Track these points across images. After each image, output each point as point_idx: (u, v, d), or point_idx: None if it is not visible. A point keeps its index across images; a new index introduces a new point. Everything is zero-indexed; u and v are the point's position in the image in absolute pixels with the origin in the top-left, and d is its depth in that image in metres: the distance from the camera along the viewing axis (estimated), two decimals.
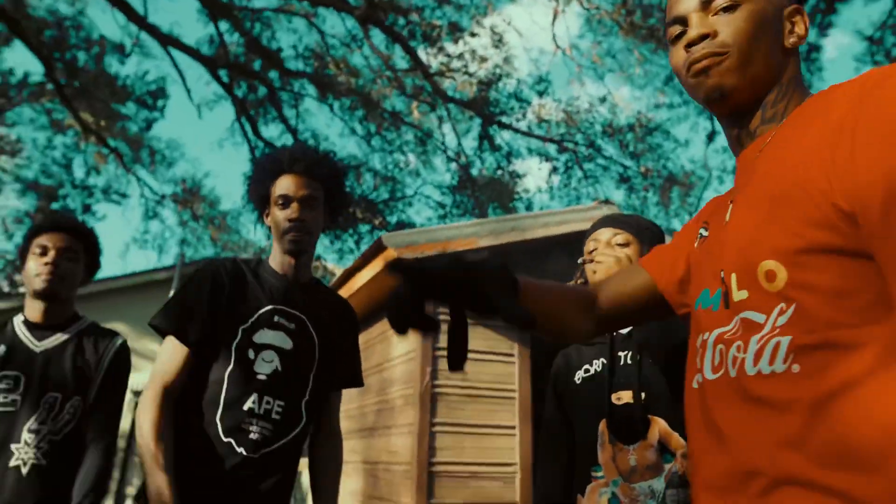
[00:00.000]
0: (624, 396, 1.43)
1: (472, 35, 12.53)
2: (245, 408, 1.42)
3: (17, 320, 1.83)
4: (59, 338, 1.82)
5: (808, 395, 0.61)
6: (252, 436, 1.41)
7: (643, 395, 1.39)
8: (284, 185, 1.54)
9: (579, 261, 1.60)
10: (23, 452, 1.68)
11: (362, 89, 12.39)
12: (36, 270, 1.79)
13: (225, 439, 1.39)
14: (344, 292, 4.82)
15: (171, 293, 1.53)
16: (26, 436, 1.69)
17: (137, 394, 6.85)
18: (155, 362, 1.47)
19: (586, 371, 1.53)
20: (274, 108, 12.16)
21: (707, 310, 0.77)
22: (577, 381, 1.55)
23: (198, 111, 14.48)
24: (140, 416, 1.38)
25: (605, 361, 1.50)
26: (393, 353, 4.58)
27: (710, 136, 13.13)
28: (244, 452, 1.39)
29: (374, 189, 13.13)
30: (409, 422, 4.03)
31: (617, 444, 1.41)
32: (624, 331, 1.50)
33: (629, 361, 1.46)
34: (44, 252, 1.81)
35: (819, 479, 0.59)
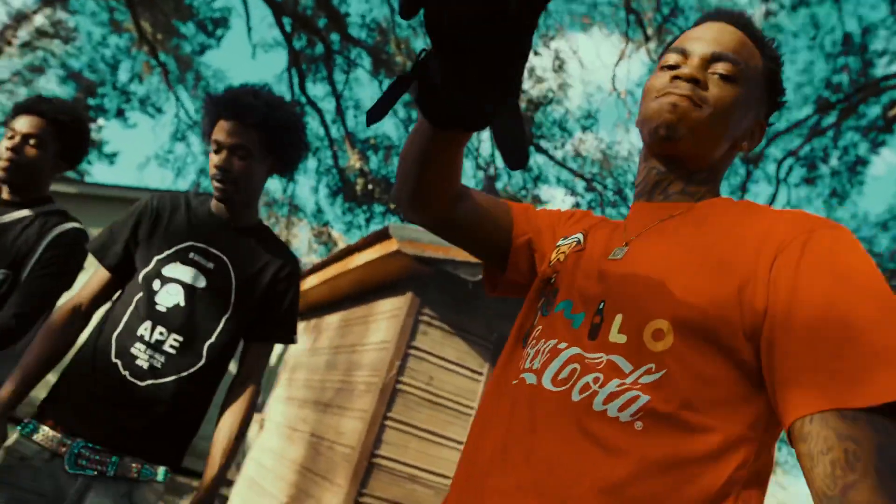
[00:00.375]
0: None
1: (536, 54, 12.56)
2: (137, 333, 1.43)
3: None
4: (16, 215, 1.79)
5: (640, 452, 0.64)
6: (139, 362, 1.41)
7: None
8: (218, 129, 1.51)
9: None
10: None
11: None
12: None
13: (113, 360, 1.41)
14: (339, 267, 4.87)
15: None
16: None
17: None
18: None
19: None
20: (326, 68, 12.23)
21: (567, 321, 0.77)
22: None
23: (253, 51, 14.51)
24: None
25: None
26: (368, 339, 4.63)
27: None
28: (128, 376, 1.40)
29: None
30: (365, 409, 4.08)
31: None
32: None
33: None
34: (11, 137, 1.77)
35: None
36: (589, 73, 23.37)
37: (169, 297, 1.46)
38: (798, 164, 12.78)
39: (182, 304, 1.46)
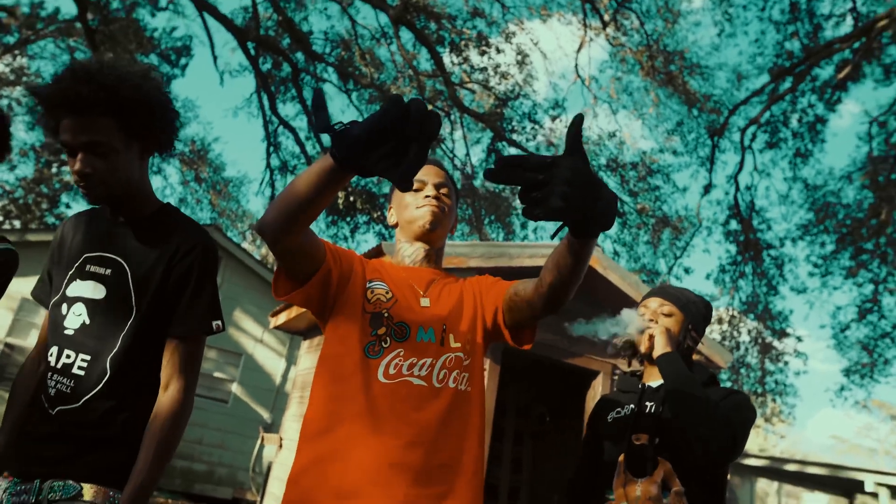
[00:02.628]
0: (642, 438, 1.72)
1: (499, 51, 12.82)
2: (49, 362, 1.36)
3: None
4: None
5: (467, 404, 1.30)
6: (50, 391, 1.33)
7: (657, 440, 1.69)
8: (63, 130, 1.30)
9: (618, 340, 1.90)
10: None
11: (383, 84, 12.65)
12: None
13: (38, 394, 1.38)
14: None
15: None
16: None
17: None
18: None
19: (617, 413, 1.85)
20: (294, 87, 12.38)
21: (427, 343, 1.30)
22: (609, 420, 1.86)
23: (220, 78, 14.55)
24: None
25: (633, 407, 1.80)
26: None
27: (707, 189, 13.48)
28: (46, 407, 1.33)
29: (378, 182, 13.41)
30: None
31: (629, 475, 1.70)
32: (654, 384, 1.82)
33: (652, 412, 1.75)
34: None
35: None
36: (552, 63, 23.66)
37: (75, 318, 1.36)
38: (760, 131, 13.19)
39: (87, 321, 1.35)
